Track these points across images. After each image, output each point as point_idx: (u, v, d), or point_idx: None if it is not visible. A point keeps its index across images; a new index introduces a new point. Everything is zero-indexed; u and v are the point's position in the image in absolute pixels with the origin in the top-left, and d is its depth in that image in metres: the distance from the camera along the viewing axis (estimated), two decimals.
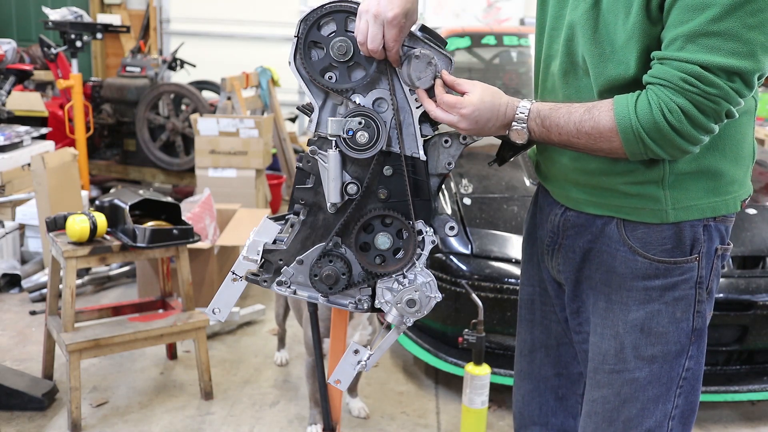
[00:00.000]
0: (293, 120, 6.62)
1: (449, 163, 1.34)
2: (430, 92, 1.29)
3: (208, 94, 6.49)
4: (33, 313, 3.66)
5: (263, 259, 1.38)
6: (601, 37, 1.29)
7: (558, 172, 1.47)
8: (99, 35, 5.25)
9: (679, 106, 1.18)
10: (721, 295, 2.67)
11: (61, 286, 2.84)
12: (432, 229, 1.34)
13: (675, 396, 1.44)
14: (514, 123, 1.29)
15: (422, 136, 1.32)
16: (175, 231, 2.78)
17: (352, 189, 1.32)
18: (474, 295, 2.54)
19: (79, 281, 3.87)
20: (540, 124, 1.28)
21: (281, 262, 1.37)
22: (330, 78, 1.30)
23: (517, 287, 2.72)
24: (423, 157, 1.32)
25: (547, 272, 1.59)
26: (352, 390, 2.90)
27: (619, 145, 1.24)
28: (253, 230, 1.41)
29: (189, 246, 2.96)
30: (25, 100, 5.40)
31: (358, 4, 1.26)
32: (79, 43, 5.06)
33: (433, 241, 1.33)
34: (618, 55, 1.27)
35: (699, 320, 1.40)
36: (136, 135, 5.47)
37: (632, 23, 1.23)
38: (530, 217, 1.65)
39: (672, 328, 1.38)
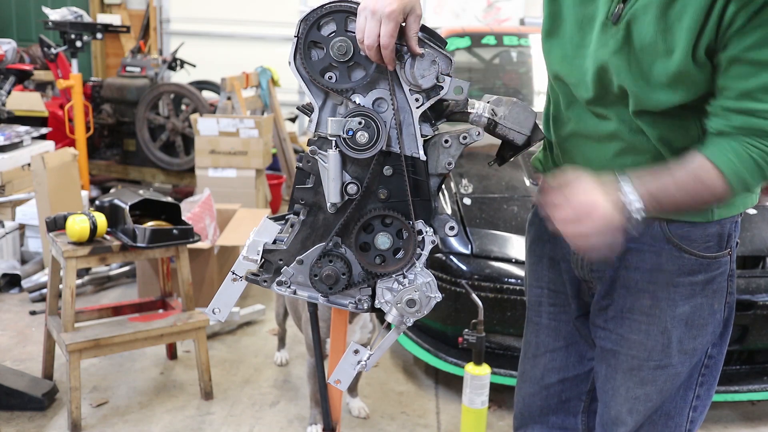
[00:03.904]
0: (293, 120, 6.62)
1: (449, 163, 1.34)
2: (432, 91, 1.29)
3: (208, 94, 6.49)
4: (33, 313, 3.66)
5: (263, 259, 1.38)
6: (638, 74, 1.30)
7: None
8: (99, 35, 5.25)
9: None
10: None
11: (61, 286, 2.84)
12: (432, 229, 1.34)
13: (696, 385, 1.50)
14: (628, 220, 1.28)
15: (422, 136, 1.32)
16: (175, 231, 2.78)
17: (352, 189, 1.31)
18: (474, 295, 2.54)
19: (79, 281, 3.87)
20: (657, 207, 1.29)
21: (281, 262, 1.37)
22: (330, 78, 1.30)
23: (517, 287, 2.73)
24: (423, 157, 1.32)
25: (568, 272, 1.59)
26: (352, 390, 2.90)
27: (725, 197, 1.30)
28: (253, 230, 1.41)
29: (189, 246, 2.96)
30: (25, 100, 5.41)
31: (358, 4, 1.26)
32: (79, 43, 5.06)
33: (433, 241, 1.33)
34: (662, 90, 1.29)
35: (728, 310, 1.48)
36: (136, 135, 5.47)
37: (676, 65, 1.26)
38: (539, 219, 1.63)
39: (711, 319, 1.45)
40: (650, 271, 1.44)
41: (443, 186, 1.61)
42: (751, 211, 2.91)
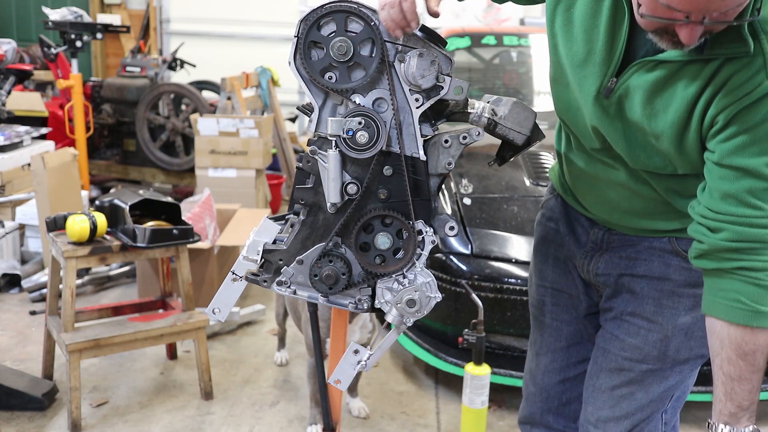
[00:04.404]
0: (293, 120, 6.62)
1: (449, 163, 1.34)
2: (432, 91, 1.29)
3: (208, 94, 6.49)
4: (33, 313, 3.66)
5: (263, 259, 1.38)
6: (634, 143, 1.31)
7: (604, 215, 1.51)
8: (99, 35, 5.25)
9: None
10: None
11: (61, 286, 2.84)
12: (432, 229, 1.34)
13: (676, 390, 1.52)
14: None
15: (422, 136, 1.32)
16: (175, 231, 2.78)
17: (352, 189, 1.31)
18: (474, 295, 2.54)
19: (79, 281, 3.87)
20: (748, 407, 1.29)
21: (281, 262, 1.37)
22: (330, 78, 1.30)
23: (517, 287, 2.73)
24: (423, 157, 1.32)
25: (575, 273, 1.60)
26: (353, 390, 2.90)
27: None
28: (253, 230, 1.41)
29: (189, 246, 2.95)
30: (25, 100, 5.40)
31: (358, 4, 1.26)
32: (79, 43, 5.06)
33: (433, 241, 1.33)
34: (659, 157, 1.29)
35: None
36: (136, 135, 5.47)
37: (665, 149, 1.26)
38: (546, 219, 1.65)
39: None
40: (658, 279, 1.46)
41: (443, 186, 1.61)
42: None
